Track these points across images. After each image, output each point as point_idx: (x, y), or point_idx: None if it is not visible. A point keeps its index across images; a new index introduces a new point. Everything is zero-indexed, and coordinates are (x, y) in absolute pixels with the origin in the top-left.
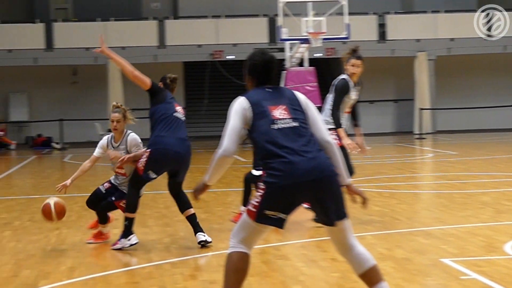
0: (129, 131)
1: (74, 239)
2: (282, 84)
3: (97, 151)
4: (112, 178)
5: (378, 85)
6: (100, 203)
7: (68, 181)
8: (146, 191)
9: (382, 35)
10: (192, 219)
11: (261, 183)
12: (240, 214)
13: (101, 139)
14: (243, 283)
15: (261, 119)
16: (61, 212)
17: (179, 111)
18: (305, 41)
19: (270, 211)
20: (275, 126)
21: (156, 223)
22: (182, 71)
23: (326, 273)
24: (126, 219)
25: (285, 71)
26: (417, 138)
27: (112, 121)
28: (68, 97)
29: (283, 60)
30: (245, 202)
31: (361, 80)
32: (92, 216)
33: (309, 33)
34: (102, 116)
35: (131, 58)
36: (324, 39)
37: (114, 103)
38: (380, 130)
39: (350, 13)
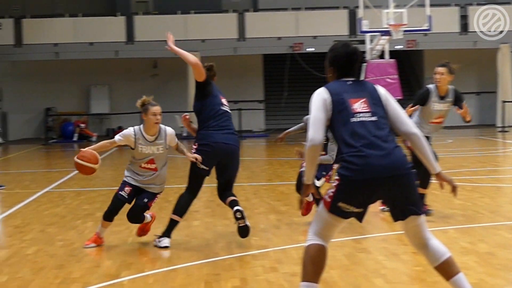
0: (162, 125)
1: (156, 230)
2: (362, 77)
3: (118, 138)
4: (128, 178)
5: (460, 78)
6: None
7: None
8: None
9: (464, 27)
10: (233, 202)
11: (337, 175)
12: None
13: (181, 131)
14: (321, 275)
15: (341, 111)
16: (90, 157)
17: (225, 103)
18: (386, 33)
19: (344, 204)
20: (354, 119)
21: None
22: (261, 63)
23: (408, 266)
24: (171, 220)
25: (365, 64)
26: (500, 131)
27: (155, 114)
28: (148, 90)
29: (363, 52)
30: None
31: (456, 91)
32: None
33: (390, 25)
34: (182, 109)
35: (211, 51)
36: (405, 31)
37: (145, 97)
38: (462, 123)
39: (432, 5)
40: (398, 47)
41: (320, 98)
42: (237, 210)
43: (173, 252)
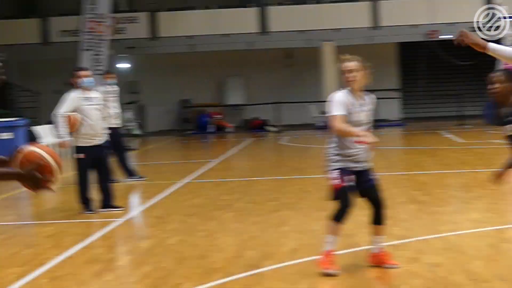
0: None
1: (295, 221)
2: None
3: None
4: (336, 164)
5: None
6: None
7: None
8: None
9: None
10: None
11: None
12: None
13: (316, 121)
14: None
15: None
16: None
17: None
18: None
19: None
20: None
21: None
22: (397, 51)
23: None
24: None
25: None
26: None
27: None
28: (283, 80)
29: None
30: None
31: None
32: (311, 198)
33: None
34: (316, 99)
35: (345, 40)
36: None
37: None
38: None
39: None
40: None
41: None
42: None
43: (311, 243)
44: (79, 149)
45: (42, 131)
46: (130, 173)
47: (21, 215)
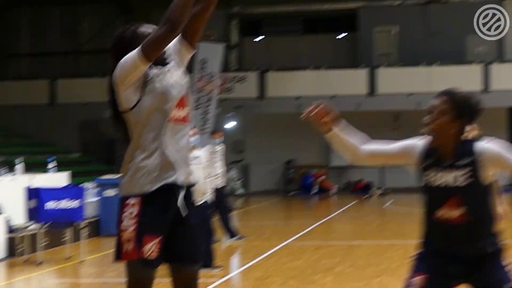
0: None
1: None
2: None
3: None
4: None
5: None
6: None
7: None
8: None
9: None
10: None
11: None
12: None
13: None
14: None
15: None
16: None
17: None
18: None
19: None
20: None
21: None
22: (506, 116)
23: None
24: None
25: None
26: None
27: None
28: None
29: None
30: None
31: None
32: None
33: None
34: None
35: None
36: None
37: None
38: None
39: None
40: None
41: None
42: None
43: None
44: None
45: None
46: (231, 233)
47: None
